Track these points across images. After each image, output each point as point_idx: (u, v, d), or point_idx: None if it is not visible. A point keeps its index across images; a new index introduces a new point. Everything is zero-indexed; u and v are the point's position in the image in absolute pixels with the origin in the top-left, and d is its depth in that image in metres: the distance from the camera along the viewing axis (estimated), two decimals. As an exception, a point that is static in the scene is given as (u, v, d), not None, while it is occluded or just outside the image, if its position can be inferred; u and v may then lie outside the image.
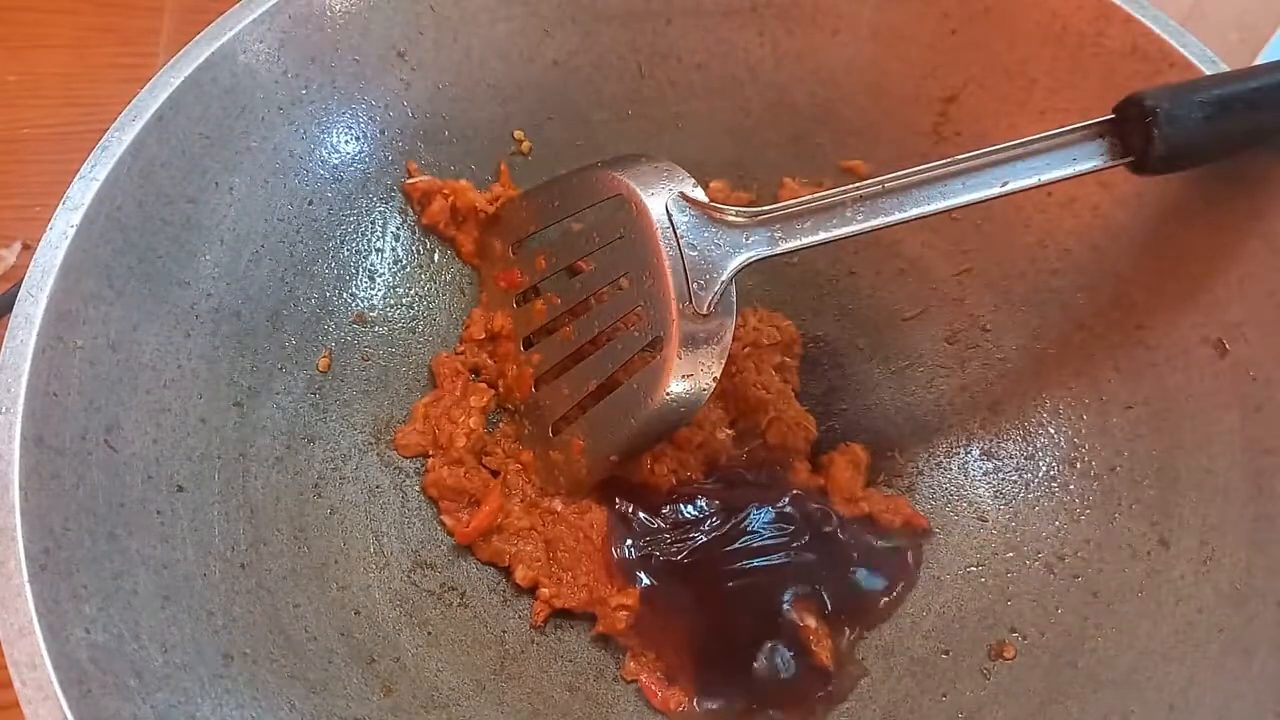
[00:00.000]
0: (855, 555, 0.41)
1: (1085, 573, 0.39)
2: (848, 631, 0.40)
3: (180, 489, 0.34)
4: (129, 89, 0.35)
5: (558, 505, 0.41)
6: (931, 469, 0.44)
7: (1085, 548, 0.39)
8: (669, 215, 0.38)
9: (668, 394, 0.37)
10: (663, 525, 0.41)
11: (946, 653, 0.40)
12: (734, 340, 0.40)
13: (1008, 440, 0.43)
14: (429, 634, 0.39)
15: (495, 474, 0.42)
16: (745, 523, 0.41)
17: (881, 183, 0.36)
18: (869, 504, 0.42)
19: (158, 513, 0.33)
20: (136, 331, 0.34)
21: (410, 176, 0.44)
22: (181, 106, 0.35)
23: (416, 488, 0.42)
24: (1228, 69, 0.36)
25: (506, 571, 0.41)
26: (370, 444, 0.42)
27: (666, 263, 0.37)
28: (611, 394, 0.40)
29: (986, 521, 0.42)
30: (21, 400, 0.29)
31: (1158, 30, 0.37)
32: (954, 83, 0.43)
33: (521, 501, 0.42)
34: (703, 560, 0.40)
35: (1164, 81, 0.36)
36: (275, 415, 0.39)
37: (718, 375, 0.37)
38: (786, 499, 0.42)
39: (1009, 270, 0.44)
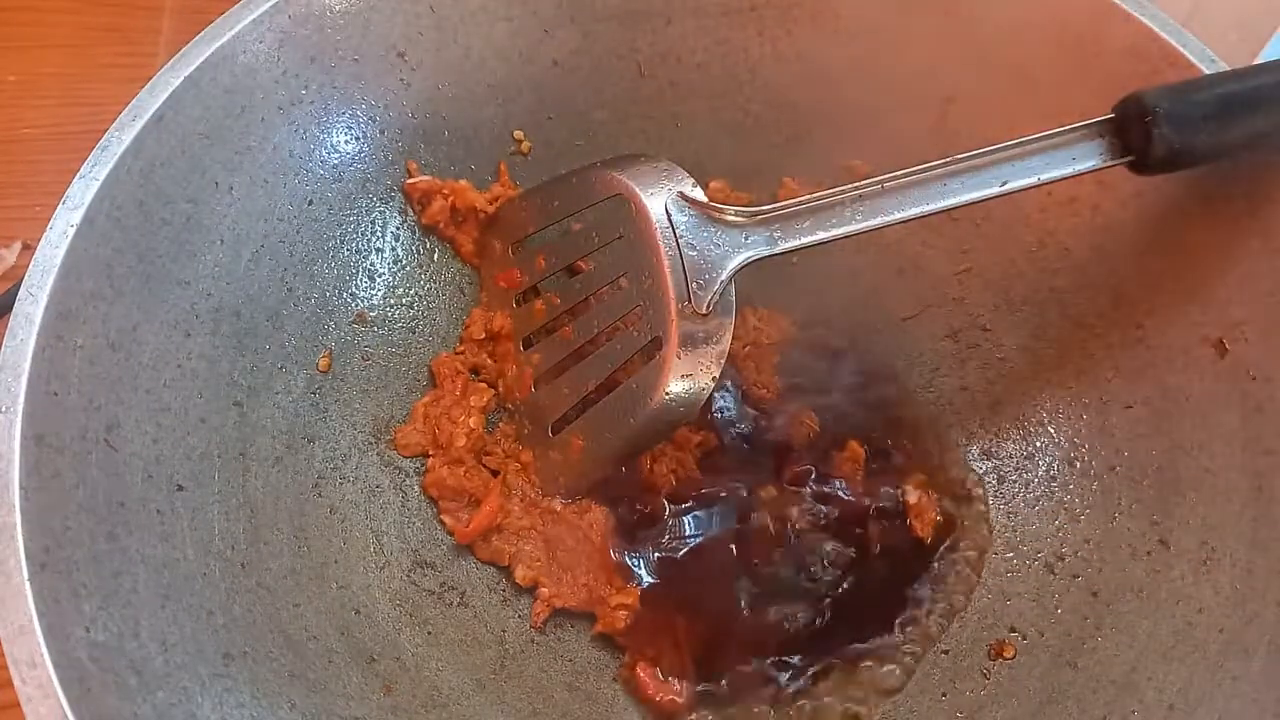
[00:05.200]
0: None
1: (1085, 573, 0.39)
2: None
3: (180, 488, 0.34)
4: (129, 89, 0.35)
5: (558, 505, 0.41)
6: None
7: (1085, 548, 0.39)
8: (668, 215, 0.38)
9: (667, 393, 0.37)
10: (662, 524, 0.41)
11: (946, 652, 0.40)
12: (734, 340, 0.40)
13: (1008, 440, 0.43)
14: (429, 633, 0.39)
15: (495, 474, 0.42)
16: (745, 520, 0.41)
17: (881, 182, 0.36)
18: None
19: (158, 512, 0.33)
20: (136, 331, 0.34)
21: (410, 176, 0.44)
22: (181, 106, 0.35)
23: (416, 488, 0.42)
24: (1228, 69, 0.36)
25: (506, 571, 0.41)
26: (370, 444, 0.42)
27: (666, 262, 0.37)
28: (611, 394, 0.40)
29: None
30: (22, 399, 0.29)
31: (1158, 30, 0.37)
32: (954, 83, 0.43)
33: (521, 501, 0.42)
34: (703, 558, 0.40)
35: (1164, 81, 0.36)
36: (275, 415, 0.39)
37: (717, 375, 0.37)
38: (787, 494, 0.42)
39: (1009, 270, 0.44)
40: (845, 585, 0.41)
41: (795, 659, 0.39)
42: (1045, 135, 0.35)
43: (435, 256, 0.46)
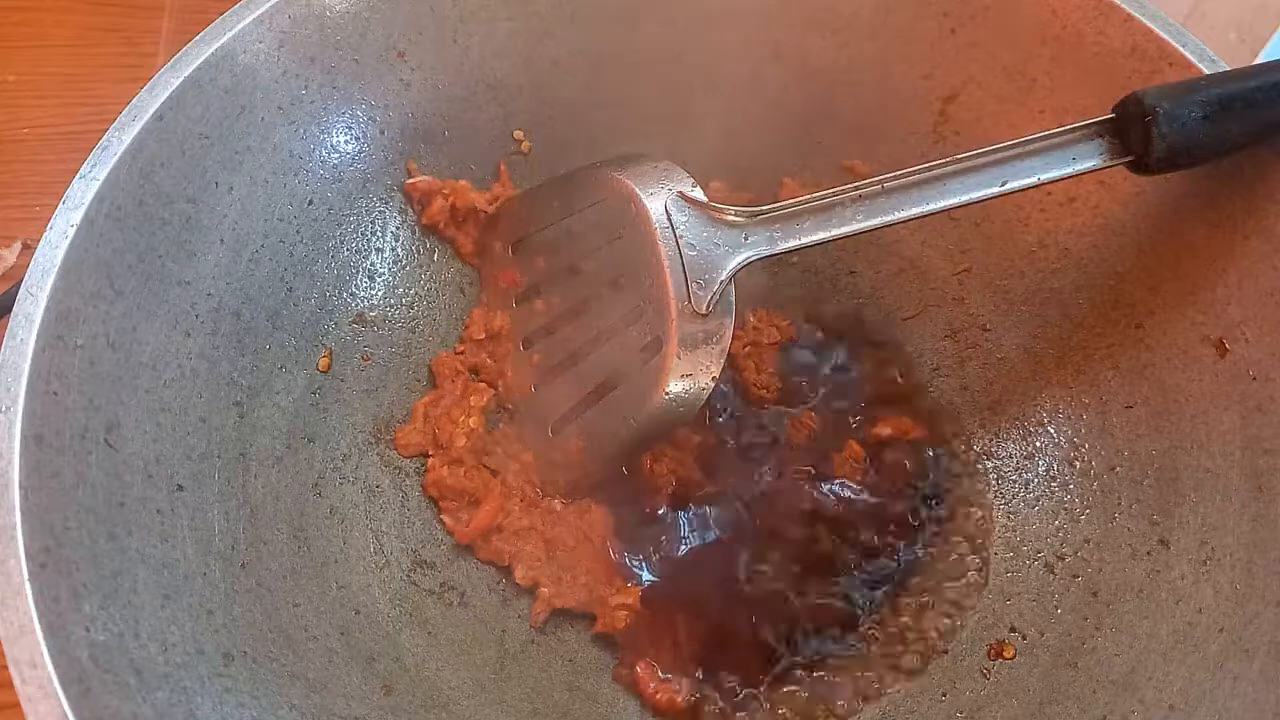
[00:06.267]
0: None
1: (1085, 572, 0.39)
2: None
3: (180, 488, 0.34)
4: (129, 89, 0.35)
5: (558, 505, 0.41)
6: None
7: (1085, 548, 0.39)
8: (668, 215, 0.38)
9: (667, 394, 0.37)
10: (662, 524, 0.41)
11: (946, 652, 0.40)
12: (734, 340, 0.40)
13: (1007, 440, 0.43)
14: (429, 633, 0.39)
15: (495, 474, 0.42)
16: (745, 520, 0.41)
17: (881, 182, 0.36)
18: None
19: (158, 512, 0.33)
20: (136, 331, 0.34)
21: (410, 176, 0.44)
22: (181, 106, 0.35)
23: (416, 488, 0.42)
24: (1228, 69, 0.36)
25: (506, 571, 0.41)
26: (370, 444, 0.42)
27: (665, 262, 0.37)
28: (611, 394, 0.40)
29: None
30: (22, 399, 0.29)
31: (1158, 30, 0.37)
32: (954, 83, 0.43)
33: (521, 501, 0.42)
34: (703, 558, 0.40)
35: (1164, 81, 0.36)
36: (275, 415, 0.39)
37: (717, 375, 0.37)
38: (787, 494, 0.42)
39: (1009, 270, 0.44)
40: (845, 582, 0.41)
41: (797, 656, 0.39)
42: (1045, 135, 0.35)
43: (435, 256, 0.46)
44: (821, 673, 0.39)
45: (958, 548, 0.42)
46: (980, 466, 0.43)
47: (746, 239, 0.37)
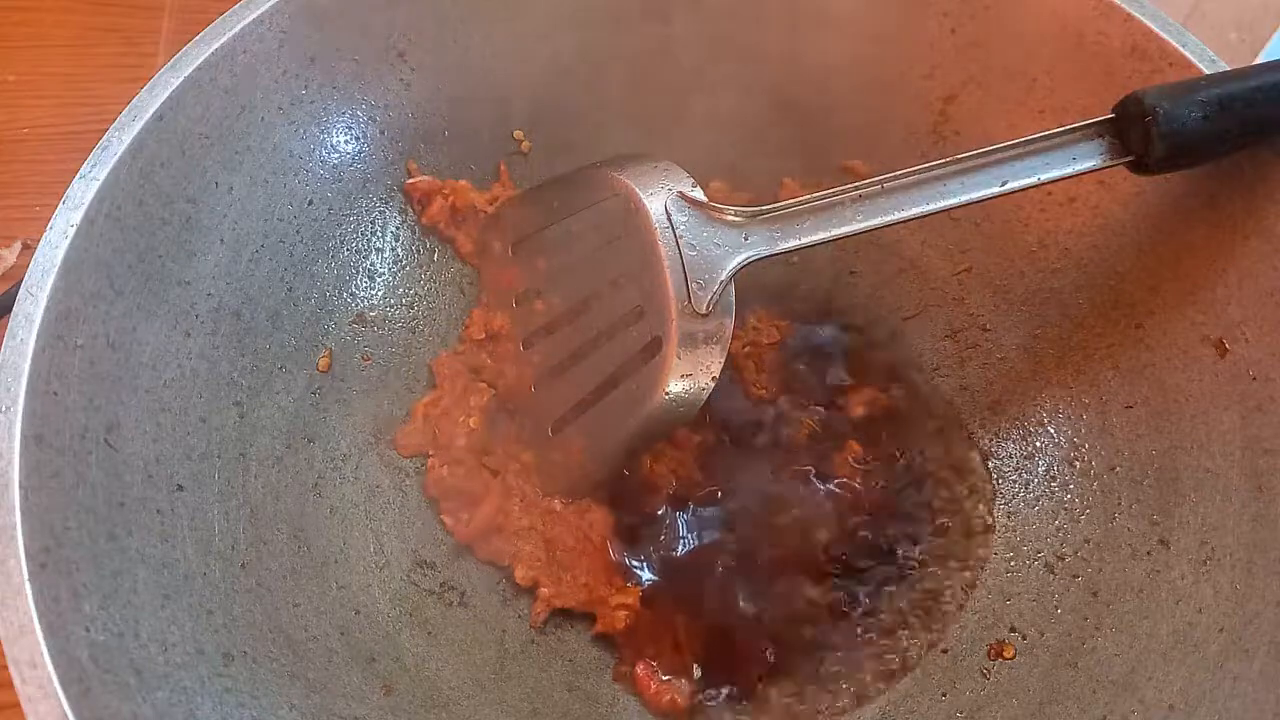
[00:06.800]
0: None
1: (1085, 572, 0.39)
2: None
3: (180, 488, 0.34)
4: (129, 89, 0.35)
5: (557, 505, 0.41)
6: (931, 469, 0.44)
7: (1085, 548, 0.39)
8: (668, 215, 0.38)
9: (667, 393, 0.37)
10: (662, 524, 0.41)
11: (946, 652, 0.40)
12: (734, 340, 0.40)
13: (1007, 440, 0.43)
14: (429, 633, 0.39)
15: (495, 474, 0.42)
16: (745, 520, 0.41)
17: (881, 182, 0.36)
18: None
19: (158, 512, 0.33)
20: (136, 331, 0.34)
21: (410, 176, 0.44)
22: (181, 106, 0.35)
23: (416, 488, 0.42)
24: (1228, 69, 0.36)
25: (506, 571, 0.41)
26: (370, 444, 0.42)
27: (665, 262, 0.37)
28: (611, 394, 0.40)
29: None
30: (21, 399, 0.29)
31: (1158, 30, 0.37)
32: (954, 83, 0.43)
33: (521, 501, 0.42)
34: (703, 558, 0.40)
35: (1164, 81, 0.36)
36: (275, 415, 0.39)
37: (717, 375, 0.37)
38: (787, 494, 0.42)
39: (1009, 270, 0.44)
40: (844, 582, 0.41)
41: (796, 656, 0.39)
42: (1045, 135, 0.35)
43: (435, 256, 0.46)
44: (821, 672, 0.39)
45: (957, 548, 0.42)
46: (980, 466, 0.43)
47: (746, 239, 0.37)
